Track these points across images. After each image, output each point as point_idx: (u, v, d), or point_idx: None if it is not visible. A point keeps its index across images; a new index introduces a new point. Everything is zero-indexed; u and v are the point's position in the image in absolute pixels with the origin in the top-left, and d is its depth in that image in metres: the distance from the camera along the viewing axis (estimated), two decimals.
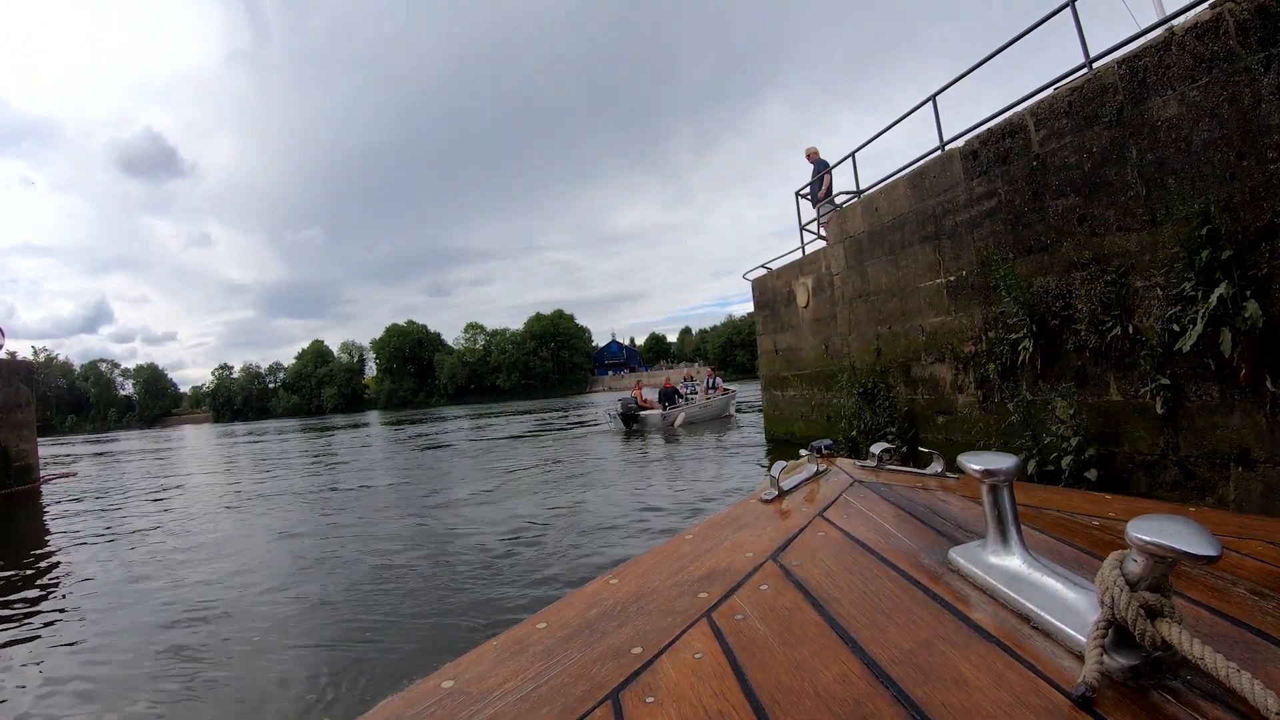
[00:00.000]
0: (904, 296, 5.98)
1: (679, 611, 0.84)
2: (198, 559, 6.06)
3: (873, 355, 6.36)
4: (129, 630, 4.24)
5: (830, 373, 8.41)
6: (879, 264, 6.27)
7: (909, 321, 5.93)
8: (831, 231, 6.98)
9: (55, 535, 8.15)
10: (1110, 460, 4.29)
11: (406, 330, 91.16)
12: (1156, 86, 3.96)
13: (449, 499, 8.14)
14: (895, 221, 6.08)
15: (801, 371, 9.35)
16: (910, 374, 5.93)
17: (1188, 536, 0.55)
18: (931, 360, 5.70)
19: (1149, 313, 4.01)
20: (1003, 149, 4.91)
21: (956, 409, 5.50)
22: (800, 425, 9.39)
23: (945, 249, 5.53)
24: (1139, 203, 4.04)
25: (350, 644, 3.70)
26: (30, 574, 6.08)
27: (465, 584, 4.59)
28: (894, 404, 6.04)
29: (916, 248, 5.83)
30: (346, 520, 7.26)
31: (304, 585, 4.92)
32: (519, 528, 6.03)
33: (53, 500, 11.43)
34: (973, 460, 0.82)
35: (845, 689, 0.64)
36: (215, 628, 4.17)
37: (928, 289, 5.72)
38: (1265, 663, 0.62)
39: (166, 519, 8.68)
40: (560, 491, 7.88)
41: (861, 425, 6.30)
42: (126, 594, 5.12)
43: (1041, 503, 1.18)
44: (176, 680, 3.43)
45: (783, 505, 1.25)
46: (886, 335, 6.20)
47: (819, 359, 8.77)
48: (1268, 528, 1.02)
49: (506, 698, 0.68)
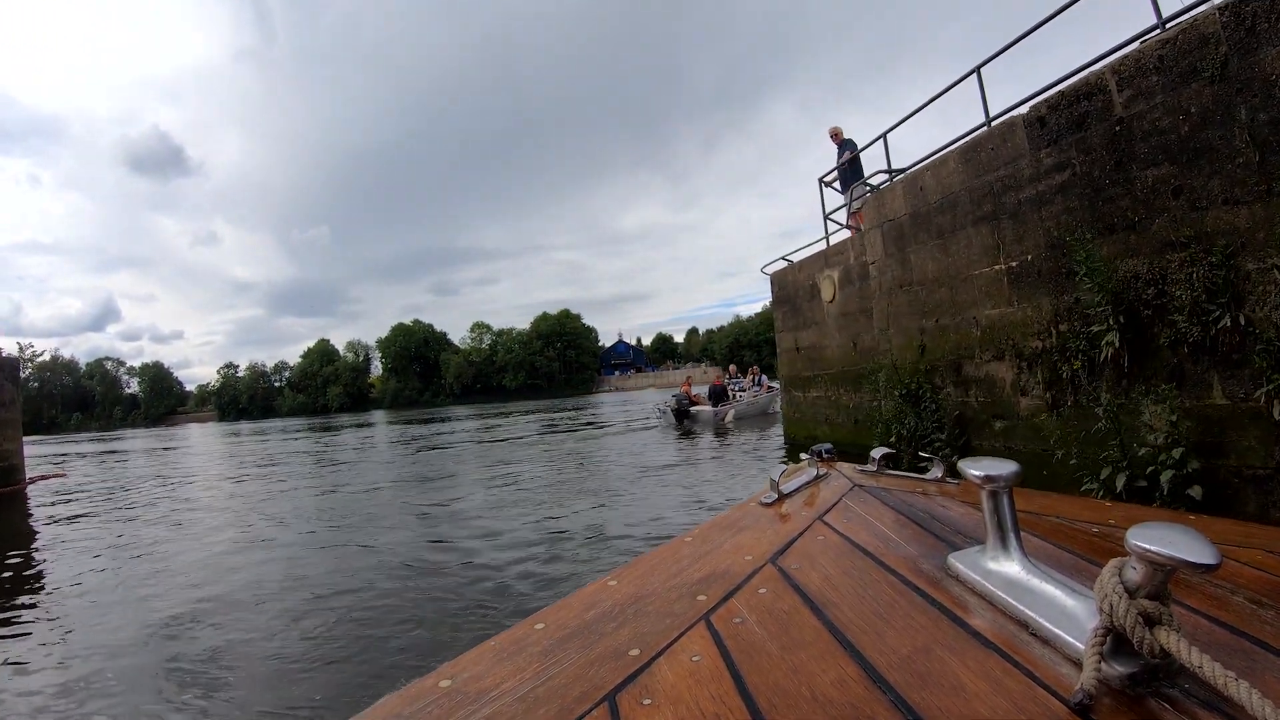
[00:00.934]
0: (954, 286, 5.33)
1: (677, 614, 0.84)
2: (185, 565, 5.70)
3: (915, 352, 5.71)
4: (106, 643, 3.94)
5: (859, 372, 7.76)
6: (924, 250, 5.63)
7: (960, 314, 5.28)
8: (867, 216, 6.33)
9: (37, 539, 7.64)
10: (1213, 475, 3.64)
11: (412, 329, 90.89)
12: (1269, 35, 3.33)
13: (495, 525, 7.13)
14: (944, 202, 5.43)
15: (826, 371, 8.70)
16: (961, 373, 5.29)
17: (1187, 544, 0.55)
18: (988, 358, 5.05)
19: (1264, 300, 3.37)
20: (1077, 113, 4.26)
21: (1018, 413, 4.85)
22: (824, 429, 8.74)
23: (1005, 230, 4.88)
24: (1250, 171, 3.41)
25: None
26: (3, 580, 5.65)
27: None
28: (942, 407, 5.39)
29: (970, 230, 5.18)
30: (349, 538, 6.62)
31: (288, 601, 4.39)
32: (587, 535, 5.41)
33: (40, 502, 10.92)
34: (973, 466, 0.82)
35: (843, 693, 0.64)
36: (200, 635, 3.94)
37: (984, 277, 5.07)
38: (1263, 672, 0.63)
39: (156, 522, 8.22)
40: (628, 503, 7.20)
41: (904, 430, 5.65)
42: (107, 603, 4.77)
43: (1041, 509, 1.17)
44: (152, 691, 3.26)
45: (782, 509, 1.25)
46: (933, 330, 5.55)
47: (846, 357, 8.12)
48: (1268, 536, 1.02)
49: (504, 698, 0.69)
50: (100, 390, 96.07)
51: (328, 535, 6.51)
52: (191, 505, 9.54)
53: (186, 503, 9.88)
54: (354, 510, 7.94)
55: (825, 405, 8.77)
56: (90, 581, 5.38)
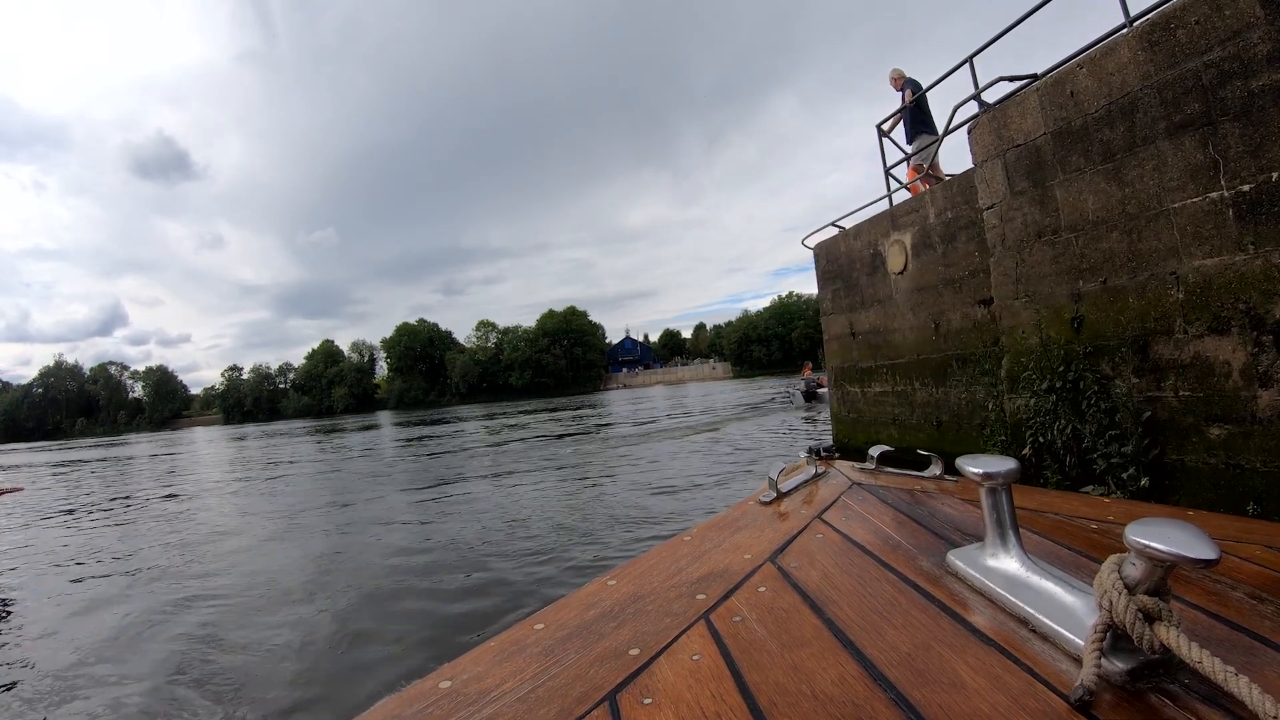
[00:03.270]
0: (1135, 229, 3.66)
1: (677, 613, 0.84)
2: (140, 584, 5.28)
3: (1067, 328, 4.03)
4: (49, 670, 3.63)
5: (944, 360, 6.10)
6: (1079, 182, 3.95)
7: (1146, 268, 3.61)
8: (980, 142, 4.64)
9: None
10: None
11: (417, 329, 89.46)
12: None
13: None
14: (1113, 108, 3.75)
15: (893, 360, 7.02)
16: (1149, 355, 3.61)
17: (1186, 540, 0.55)
18: (1199, 331, 3.38)
19: None
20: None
21: (1254, 413, 3.18)
22: (890, 431, 7.08)
23: (1228, 139, 3.21)
24: None
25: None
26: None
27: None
28: (1117, 405, 3.71)
29: (1163, 145, 3.51)
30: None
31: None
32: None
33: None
34: (972, 463, 0.82)
35: (843, 691, 0.64)
36: (165, 645, 3.79)
37: (1190, 211, 3.40)
38: (1263, 667, 0.62)
39: (111, 542, 7.40)
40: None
41: (1053, 437, 3.98)
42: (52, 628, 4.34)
43: (1040, 505, 1.17)
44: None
45: (781, 507, 1.25)
46: (1096, 294, 3.88)
47: (923, 342, 6.45)
48: (1267, 531, 1.00)
49: (504, 699, 0.68)
50: (104, 395, 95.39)
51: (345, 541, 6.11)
52: (154, 524, 8.45)
53: (149, 521, 8.72)
54: (380, 538, 6.41)
55: (892, 403, 7.10)
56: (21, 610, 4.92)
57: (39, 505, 11.66)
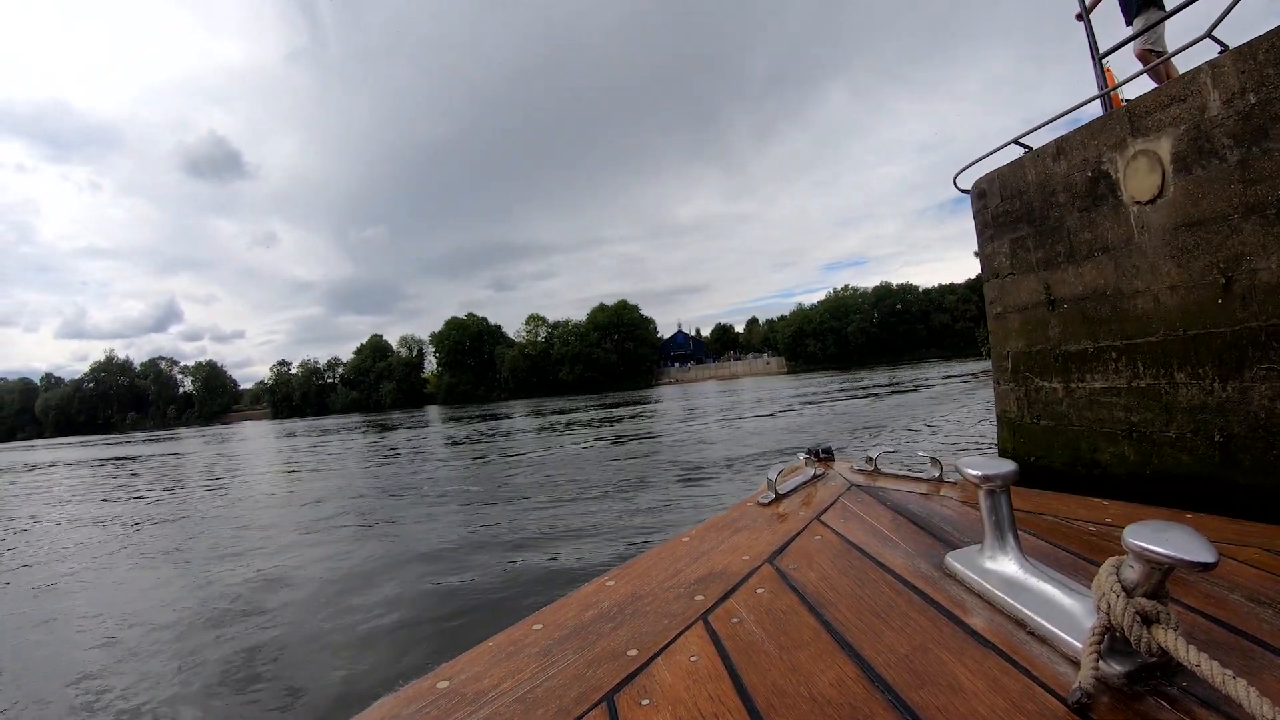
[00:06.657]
0: None
1: (675, 614, 0.84)
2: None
3: None
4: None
5: (1233, 337, 3.66)
6: None
7: None
8: None
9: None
10: None
11: (466, 323, 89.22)
12: None
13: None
14: None
15: (1134, 339, 4.52)
16: None
17: (1185, 543, 0.54)
18: None
19: None
20: None
21: None
22: (1125, 449, 4.59)
23: None
24: None
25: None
26: None
27: None
28: None
29: None
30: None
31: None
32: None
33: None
34: (970, 465, 0.81)
35: (840, 693, 0.63)
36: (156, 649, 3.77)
37: None
38: (1261, 670, 0.62)
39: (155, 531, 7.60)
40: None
41: None
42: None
43: (1039, 508, 1.16)
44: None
45: (780, 509, 1.25)
46: None
47: (1196, 309, 3.96)
48: (1266, 534, 0.99)
49: (501, 699, 0.67)
50: (154, 389, 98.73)
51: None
52: (154, 533, 7.96)
53: (147, 529, 8.11)
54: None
55: (1127, 405, 4.59)
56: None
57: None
